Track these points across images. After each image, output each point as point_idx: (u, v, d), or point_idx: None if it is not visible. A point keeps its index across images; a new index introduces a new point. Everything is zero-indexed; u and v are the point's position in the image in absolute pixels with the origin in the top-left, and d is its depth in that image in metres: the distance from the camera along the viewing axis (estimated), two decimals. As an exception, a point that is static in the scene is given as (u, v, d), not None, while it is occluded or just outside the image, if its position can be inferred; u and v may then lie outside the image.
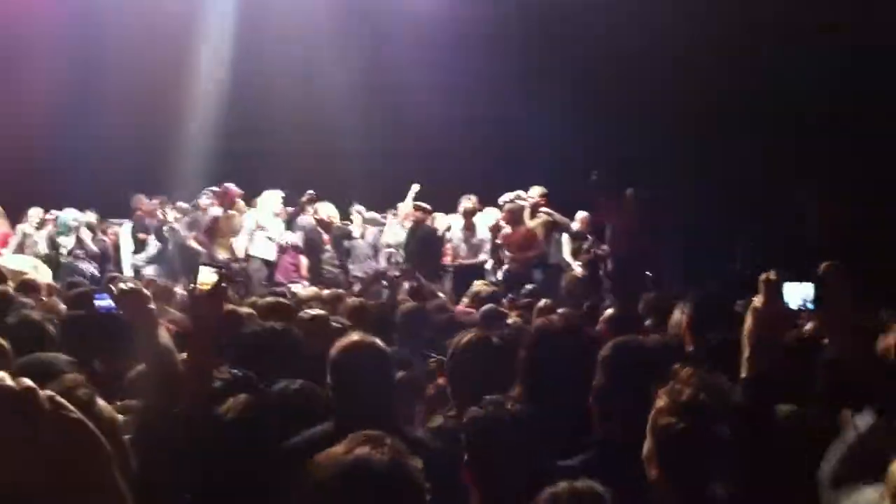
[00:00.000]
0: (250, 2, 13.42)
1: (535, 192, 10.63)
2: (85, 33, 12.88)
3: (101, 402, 2.23)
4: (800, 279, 2.59)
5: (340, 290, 7.75)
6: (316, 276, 10.75)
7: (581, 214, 11.19)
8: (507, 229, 10.26)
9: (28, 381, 1.05)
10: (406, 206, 11.35)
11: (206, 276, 3.15)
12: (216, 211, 11.14)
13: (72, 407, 1.07)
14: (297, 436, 2.99)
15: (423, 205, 10.81)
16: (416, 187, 11.35)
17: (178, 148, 13.00)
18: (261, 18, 13.38)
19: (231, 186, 11.36)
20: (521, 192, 10.63)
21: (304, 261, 11.32)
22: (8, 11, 12.37)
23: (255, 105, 13.55)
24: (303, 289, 8.77)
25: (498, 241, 10.35)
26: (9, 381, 1.04)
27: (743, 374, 2.53)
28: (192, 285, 3.20)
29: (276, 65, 13.47)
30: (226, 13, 13.62)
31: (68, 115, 12.66)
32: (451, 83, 12.81)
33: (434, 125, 12.75)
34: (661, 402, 2.28)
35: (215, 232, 10.95)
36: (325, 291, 7.61)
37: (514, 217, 10.19)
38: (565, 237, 10.94)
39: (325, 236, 11.17)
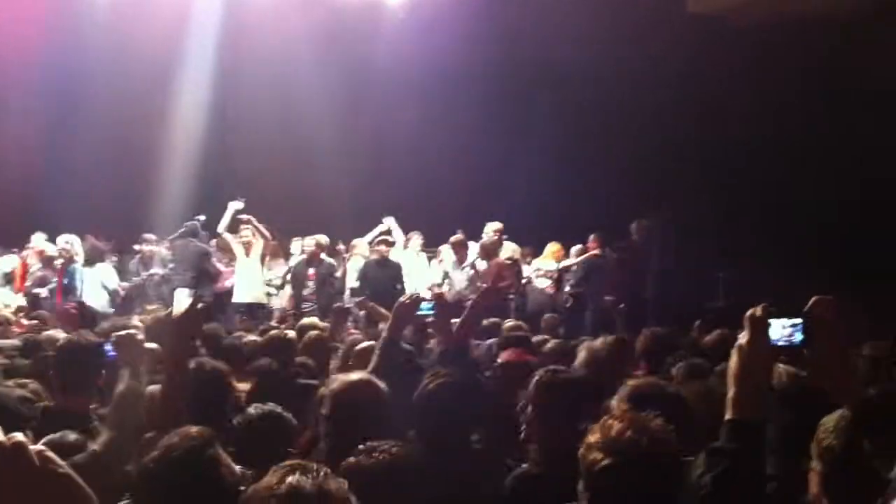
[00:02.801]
0: (231, 31, 13.46)
1: (490, 227, 10.73)
2: (66, 64, 12.88)
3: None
4: (788, 314, 2.46)
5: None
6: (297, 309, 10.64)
7: (576, 248, 11.42)
8: (482, 264, 10.44)
9: (19, 436, 1.05)
10: (363, 241, 11.47)
11: (182, 300, 3.27)
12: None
13: (60, 461, 1.07)
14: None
15: (389, 238, 11.03)
16: (389, 221, 11.48)
17: (159, 182, 13.02)
18: (241, 46, 13.44)
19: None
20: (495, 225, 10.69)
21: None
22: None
23: (235, 137, 13.59)
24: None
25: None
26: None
27: (728, 416, 2.40)
28: (168, 309, 3.32)
29: (257, 95, 13.52)
30: (207, 40, 13.67)
31: (50, 145, 12.69)
32: (434, 113, 12.92)
33: (416, 154, 12.81)
34: (591, 437, 2.21)
35: None
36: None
37: (488, 251, 10.42)
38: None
39: (311, 271, 11.02)
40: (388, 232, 11.42)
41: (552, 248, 11.48)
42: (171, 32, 13.36)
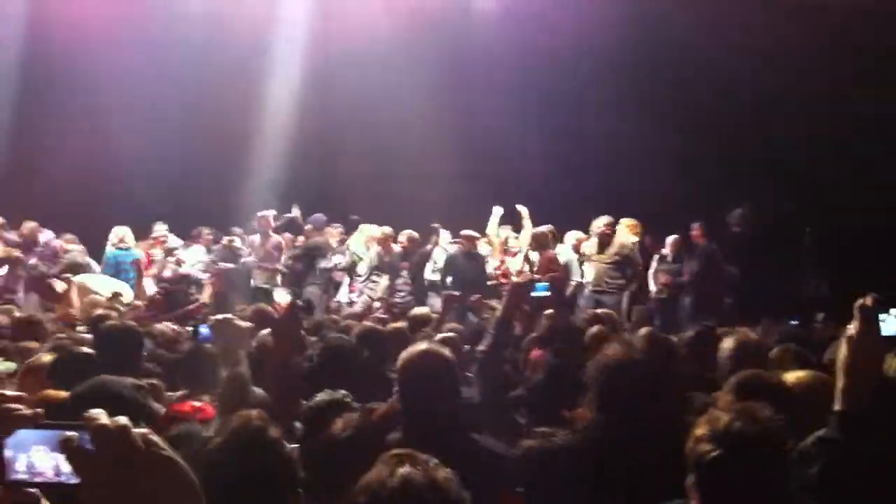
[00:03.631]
0: (320, 27, 13.57)
1: (601, 221, 10.55)
2: (156, 58, 13.18)
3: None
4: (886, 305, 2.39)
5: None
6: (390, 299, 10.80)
7: (672, 238, 11.08)
8: (535, 255, 10.43)
9: (123, 420, 1.07)
10: (492, 231, 11.40)
11: (281, 297, 3.35)
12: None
13: (164, 444, 1.08)
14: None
15: (471, 233, 10.95)
16: (498, 210, 11.37)
17: (247, 175, 13.29)
18: (331, 43, 13.51)
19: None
20: (608, 218, 10.56)
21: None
22: (82, 44, 12.78)
23: (325, 130, 13.70)
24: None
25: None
26: (104, 420, 1.05)
27: (837, 407, 2.37)
28: (271, 306, 3.39)
29: (347, 89, 13.60)
30: (295, 38, 13.82)
31: (139, 141, 12.97)
32: (524, 105, 12.86)
33: (508, 147, 12.75)
34: (699, 429, 2.20)
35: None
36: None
37: (539, 243, 10.36)
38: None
39: (405, 263, 11.18)
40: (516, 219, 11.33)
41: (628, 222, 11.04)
42: (258, 27, 13.61)
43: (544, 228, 10.51)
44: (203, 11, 13.46)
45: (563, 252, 10.77)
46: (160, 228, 11.60)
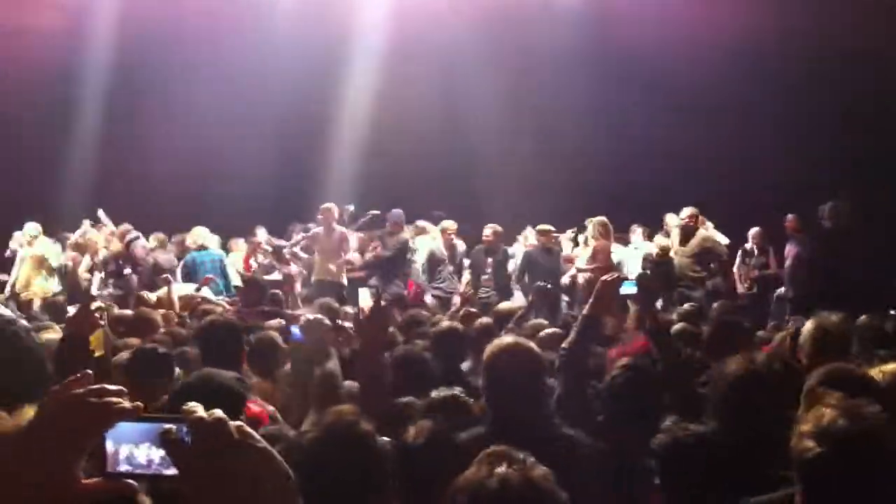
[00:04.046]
0: (395, 27, 13.65)
1: (685, 212, 10.34)
2: (238, 59, 13.48)
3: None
4: None
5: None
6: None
7: (754, 230, 10.79)
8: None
9: (219, 412, 1.08)
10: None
11: (365, 299, 3.35)
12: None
13: (258, 436, 1.09)
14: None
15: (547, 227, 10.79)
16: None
17: (325, 173, 13.45)
18: (405, 43, 13.59)
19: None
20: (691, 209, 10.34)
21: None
22: (176, 45, 13.21)
23: (400, 130, 13.80)
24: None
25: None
26: (201, 412, 1.07)
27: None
28: (357, 308, 3.41)
29: (421, 90, 13.74)
30: (371, 39, 13.93)
31: (223, 141, 13.32)
32: (598, 107, 12.82)
33: (580, 149, 12.68)
34: (804, 426, 2.17)
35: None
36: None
37: (599, 232, 10.17)
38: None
39: (489, 259, 11.15)
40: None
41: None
42: (339, 29, 13.81)
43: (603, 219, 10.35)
44: (287, 14, 13.74)
45: (618, 249, 10.64)
46: (261, 234, 11.69)
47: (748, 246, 10.99)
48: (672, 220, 10.83)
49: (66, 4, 13.53)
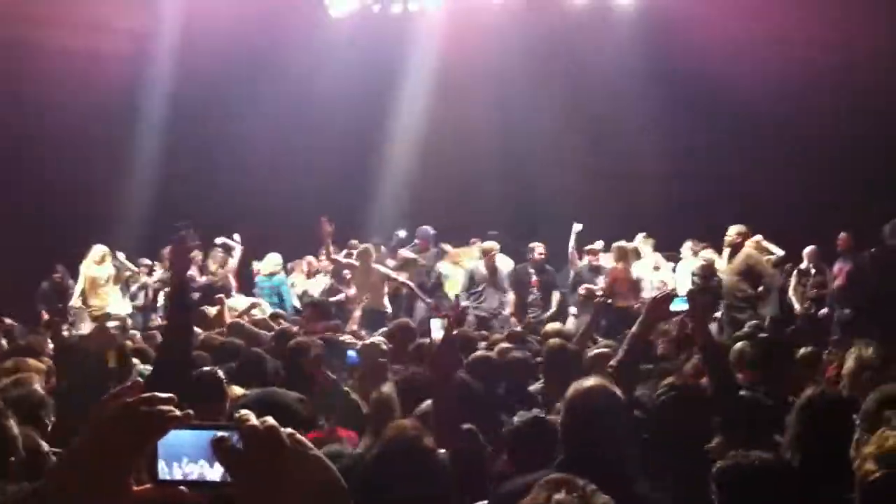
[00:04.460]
0: (449, 47, 13.74)
1: (733, 230, 10.07)
2: (297, 81, 13.73)
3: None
4: None
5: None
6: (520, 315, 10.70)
7: (809, 249, 10.62)
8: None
9: (271, 420, 1.09)
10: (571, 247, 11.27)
11: (437, 330, 3.35)
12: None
13: (310, 444, 1.10)
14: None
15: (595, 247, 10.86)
16: (577, 227, 11.20)
17: (381, 192, 13.63)
18: (459, 64, 13.67)
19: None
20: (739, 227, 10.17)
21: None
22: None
23: (455, 149, 13.91)
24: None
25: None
26: (253, 421, 1.08)
27: None
28: (427, 340, 3.42)
29: (475, 108, 13.77)
30: (425, 61, 14.04)
31: (282, 161, 13.61)
32: (653, 124, 12.77)
33: (635, 166, 12.62)
34: (867, 448, 2.17)
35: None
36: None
37: (617, 255, 10.29)
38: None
39: (534, 279, 11.08)
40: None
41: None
42: (394, 50, 13.99)
43: (625, 244, 10.42)
44: (344, 35, 14.04)
45: (639, 267, 10.51)
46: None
47: (804, 265, 10.78)
48: (687, 248, 10.93)
49: (136, 31, 13.94)
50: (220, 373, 3.71)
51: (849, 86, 11.97)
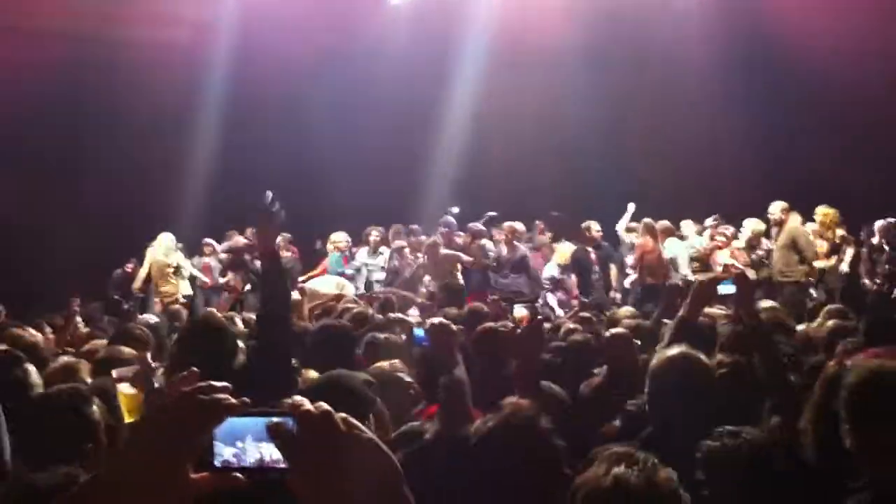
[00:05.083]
0: (502, 31, 13.75)
1: (775, 207, 10.13)
2: (350, 67, 13.90)
3: None
4: None
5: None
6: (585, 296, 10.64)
7: (880, 223, 10.31)
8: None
9: (325, 405, 1.09)
10: (621, 227, 11.44)
11: (519, 312, 3.31)
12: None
13: (364, 428, 1.10)
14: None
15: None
16: (631, 207, 11.34)
17: (432, 177, 13.76)
18: (512, 47, 13.66)
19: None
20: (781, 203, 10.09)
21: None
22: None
23: (508, 133, 13.89)
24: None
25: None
26: (308, 406, 1.09)
27: None
28: (512, 323, 3.40)
29: (527, 93, 13.76)
30: (478, 45, 14.08)
31: (334, 145, 13.68)
32: (708, 106, 12.67)
33: (691, 149, 12.55)
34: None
35: None
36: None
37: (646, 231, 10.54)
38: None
39: (594, 256, 11.04)
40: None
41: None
42: (448, 32, 14.06)
43: (653, 222, 10.56)
44: (397, 21, 14.23)
45: (670, 247, 10.59)
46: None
47: (875, 241, 10.44)
48: (686, 227, 11.09)
49: (198, 22, 14.11)
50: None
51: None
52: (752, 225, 10.42)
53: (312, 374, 3.98)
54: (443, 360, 3.39)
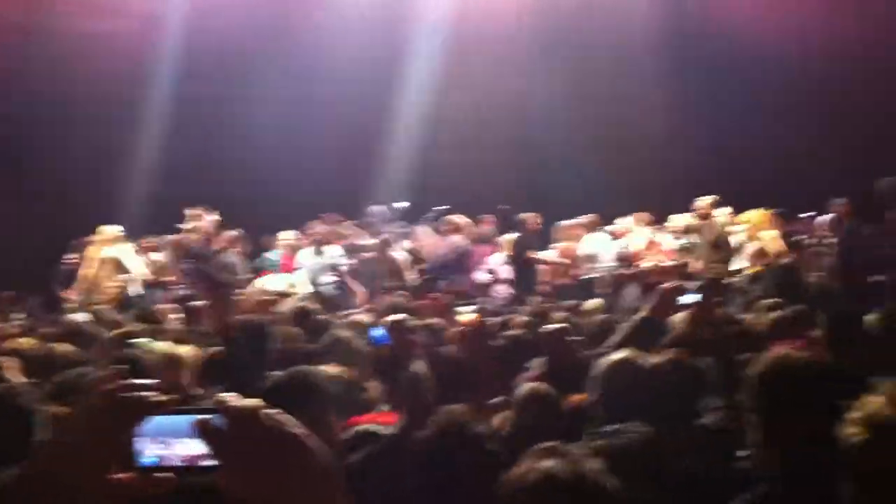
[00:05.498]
0: (454, 21, 13.71)
1: (704, 201, 10.22)
2: (302, 55, 13.67)
3: None
4: None
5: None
6: None
7: (822, 218, 10.56)
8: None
9: (253, 402, 1.06)
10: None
11: (465, 315, 3.28)
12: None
13: (297, 424, 1.07)
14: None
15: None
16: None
17: (384, 164, 13.62)
18: (470, 33, 13.64)
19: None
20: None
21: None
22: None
23: (465, 120, 13.84)
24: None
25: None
26: (234, 402, 1.06)
27: None
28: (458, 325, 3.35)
29: (486, 79, 13.75)
30: (434, 33, 14.01)
31: (286, 137, 13.50)
32: (660, 95, 12.78)
33: (648, 136, 12.53)
34: (853, 414, 2.05)
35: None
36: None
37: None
38: None
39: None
40: None
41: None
42: (401, 23, 14.01)
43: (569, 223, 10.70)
44: (350, 11, 13.93)
45: (591, 242, 10.66)
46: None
47: (819, 234, 10.59)
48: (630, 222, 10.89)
49: (143, 13, 13.78)
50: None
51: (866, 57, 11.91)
52: (678, 220, 10.52)
53: None
54: (403, 357, 3.39)
